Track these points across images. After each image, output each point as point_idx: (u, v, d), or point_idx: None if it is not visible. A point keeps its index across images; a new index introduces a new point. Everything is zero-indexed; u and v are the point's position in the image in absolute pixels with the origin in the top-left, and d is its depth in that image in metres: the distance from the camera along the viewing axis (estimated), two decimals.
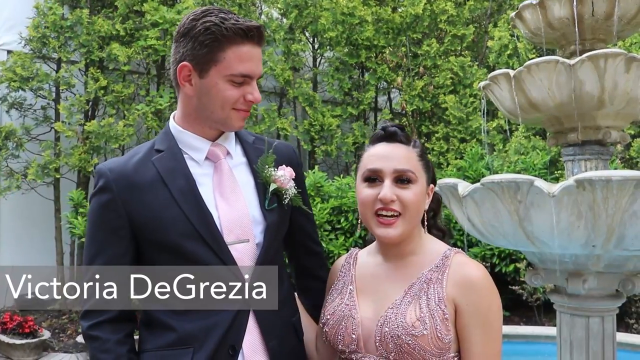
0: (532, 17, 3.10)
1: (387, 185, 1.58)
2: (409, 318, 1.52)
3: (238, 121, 1.67)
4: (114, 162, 1.69)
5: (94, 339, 1.61)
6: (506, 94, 2.98)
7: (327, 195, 7.47)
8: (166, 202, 1.61)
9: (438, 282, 1.56)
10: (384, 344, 1.53)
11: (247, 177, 1.74)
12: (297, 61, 9.08)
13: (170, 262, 1.62)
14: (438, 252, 1.63)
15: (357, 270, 1.74)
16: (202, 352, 1.57)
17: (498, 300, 1.58)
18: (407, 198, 1.58)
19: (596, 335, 2.83)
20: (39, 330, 6.54)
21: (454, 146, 8.92)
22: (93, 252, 1.65)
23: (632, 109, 2.83)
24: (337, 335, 1.63)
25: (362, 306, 1.64)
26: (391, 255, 1.68)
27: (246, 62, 1.61)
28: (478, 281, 1.55)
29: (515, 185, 2.38)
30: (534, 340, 5.42)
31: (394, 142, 1.64)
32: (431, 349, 1.50)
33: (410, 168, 1.60)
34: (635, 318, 6.60)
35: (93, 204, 1.66)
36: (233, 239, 1.64)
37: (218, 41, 1.59)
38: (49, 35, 7.62)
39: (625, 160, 7.68)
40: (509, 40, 8.83)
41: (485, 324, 1.54)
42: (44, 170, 7.39)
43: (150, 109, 7.75)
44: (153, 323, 1.64)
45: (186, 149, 1.70)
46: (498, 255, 7.05)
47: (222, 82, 1.61)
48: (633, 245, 2.43)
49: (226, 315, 1.60)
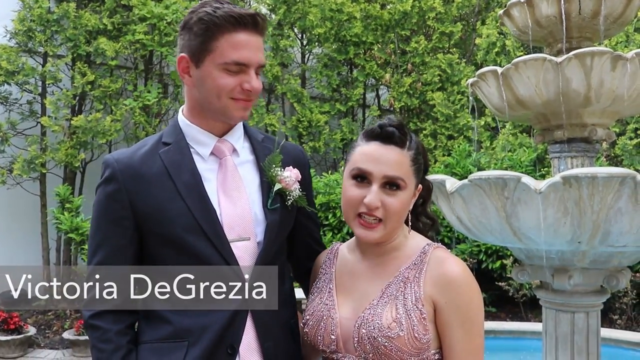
0: (520, 15, 3.12)
1: (374, 191, 1.54)
2: (385, 320, 1.50)
3: (238, 111, 1.64)
4: (121, 153, 1.68)
5: (95, 329, 1.61)
6: (494, 91, 2.99)
7: (315, 191, 7.48)
8: (171, 195, 1.60)
9: (415, 280, 1.54)
10: (362, 345, 1.52)
11: (252, 175, 1.73)
12: (285, 57, 9.07)
13: (172, 256, 1.62)
14: (417, 247, 1.61)
15: (337, 267, 1.72)
16: (197, 347, 1.57)
17: (478, 295, 1.56)
18: (391, 206, 1.55)
19: (581, 331, 2.86)
20: (25, 326, 6.49)
21: (441, 143, 8.97)
22: (97, 242, 1.65)
23: (618, 107, 2.86)
24: (317, 335, 1.62)
25: (342, 306, 1.62)
26: (369, 252, 1.66)
27: (240, 50, 1.59)
28: (456, 278, 1.53)
29: (503, 181, 2.40)
30: (519, 336, 5.46)
31: (388, 144, 1.57)
32: (409, 350, 1.48)
33: (401, 175, 1.56)
34: (619, 314, 6.68)
35: (99, 194, 1.65)
36: (234, 237, 1.63)
37: (210, 30, 1.58)
38: (35, 28, 7.55)
39: (611, 157, 7.76)
40: (496, 37, 8.88)
41: (465, 320, 1.52)
42: (29, 166, 7.34)
43: (137, 104, 7.71)
44: (151, 316, 1.64)
45: (193, 143, 1.69)
46: (485, 252, 7.11)
47: (217, 71, 1.60)
48: (618, 241, 2.45)
49: (224, 314, 1.59)
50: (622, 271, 2.82)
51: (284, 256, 1.81)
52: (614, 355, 4.88)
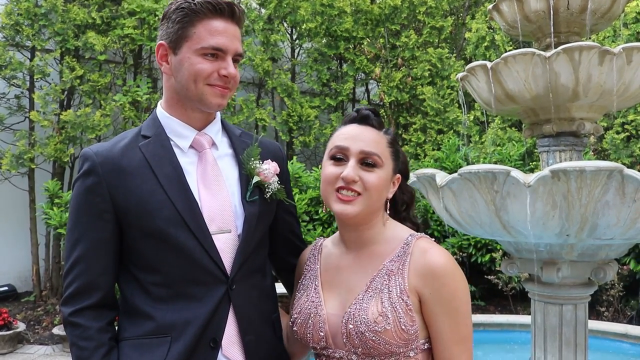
0: (509, 10, 3.13)
1: (351, 165, 1.57)
2: (370, 314, 1.50)
3: (214, 97, 1.64)
4: (100, 146, 1.67)
5: (76, 326, 1.59)
6: (483, 85, 3.01)
7: (305, 186, 7.49)
8: (152, 187, 1.60)
9: (399, 272, 1.55)
10: (350, 340, 1.53)
11: (231, 169, 1.74)
12: (275, 52, 9.05)
13: (153, 249, 1.60)
14: (400, 239, 1.61)
15: (322, 263, 1.73)
16: (180, 342, 1.56)
17: (463, 284, 1.56)
18: (369, 180, 1.57)
19: (569, 323, 2.89)
20: (14, 322, 6.46)
21: (431, 137, 8.99)
22: (76, 236, 1.62)
23: (605, 101, 2.88)
24: (306, 333, 1.62)
25: (328, 301, 1.63)
26: (352, 243, 1.67)
27: (217, 36, 1.61)
28: (440, 268, 1.53)
29: (492, 175, 2.42)
30: (509, 328, 5.50)
31: (365, 125, 1.63)
32: (396, 342, 1.50)
33: (377, 152, 1.59)
34: (606, 306, 6.75)
35: (78, 188, 1.63)
36: (215, 229, 1.63)
37: (188, 16, 1.61)
38: (22, 22, 7.47)
39: (598, 151, 7.82)
40: (486, 32, 8.91)
41: (451, 310, 1.52)
42: (18, 161, 7.27)
43: (127, 99, 7.66)
44: (133, 312, 1.63)
45: (172, 136, 1.69)
46: (474, 246, 7.15)
47: (194, 56, 1.61)
48: (605, 234, 2.48)
49: (206, 308, 1.59)
50: (610, 264, 2.86)
51: (265, 250, 1.82)
52: (601, 347, 4.93)
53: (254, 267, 1.72)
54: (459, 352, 1.54)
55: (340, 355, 1.58)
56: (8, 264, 8.04)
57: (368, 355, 1.53)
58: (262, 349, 1.69)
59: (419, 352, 1.54)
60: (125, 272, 1.66)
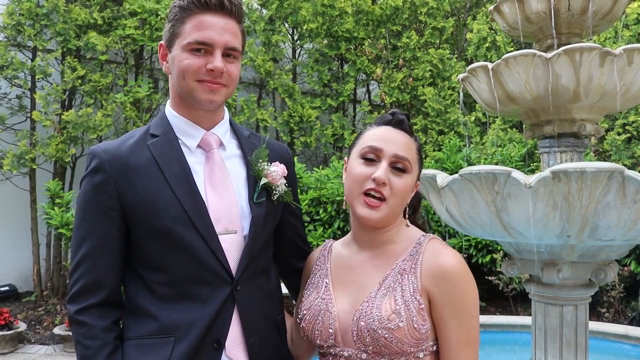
0: (510, 11, 3.13)
1: (383, 167, 1.58)
2: (384, 311, 1.50)
3: (204, 93, 1.63)
4: (108, 144, 1.66)
5: (81, 324, 1.58)
6: (484, 86, 3.01)
7: (306, 186, 7.49)
8: (160, 185, 1.59)
9: (412, 271, 1.55)
10: (361, 337, 1.52)
11: (239, 169, 1.74)
12: (277, 52, 9.05)
13: (159, 248, 1.60)
14: (413, 239, 1.62)
15: (333, 262, 1.73)
16: (184, 343, 1.55)
17: (473, 287, 1.56)
18: (397, 185, 1.58)
19: (569, 324, 2.89)
20: (15, 322, 6.46)
21: (432, 138, 8.99)
22: (82, 234, 1.61)
23: (606, 102, 2.88)
24: (315, 330, 1.61)
25: (339, 299, 1.62)
26: (366, 243, 1.67)
27: (202, 30, 1.60)
28: (451, 270, 1.53)
29: (493, 176, 2.41)
30: (509, 329, 5.50)
31: (399, 129, 1.64)
32: (409, 341, 1.49)
33: (409, 157, 1.61)
34: (607, 307, 6.75)
35: (85, 185, 1.63)
36: (221, 230, 1.62)
37: (179, 14, 1.63)
38: (24, 22, 7.48)
39: (599, 153, 7.82)
40: (487, 33, 8.91)
41: (460, 313, 1.52)
42: (19, 161, 7.28)
43: (128, 99, 7.67)
44: (137, 312, 1.62)
45: (180, 135, 1.69)
46: (475, 246, 7.15)
47: (182, 53, 1.62)
48: (606, 235, 2.48)
49: (211, 308, 1.58)
50: (610, 265, 2.85)
51: (270, 252, 1.81)
52: (602, 348, 4.93)
53: (259, 269, 1.71)
54: (467, 355, 1.53)
55: (348, 354, 1.56)
56: (9, 264, 8.04)
57: (378, 354, 1.52)
58: (266, 351, 1.68)
59: (428, 354, 1.54)
60: (131, 271, 1.66)
